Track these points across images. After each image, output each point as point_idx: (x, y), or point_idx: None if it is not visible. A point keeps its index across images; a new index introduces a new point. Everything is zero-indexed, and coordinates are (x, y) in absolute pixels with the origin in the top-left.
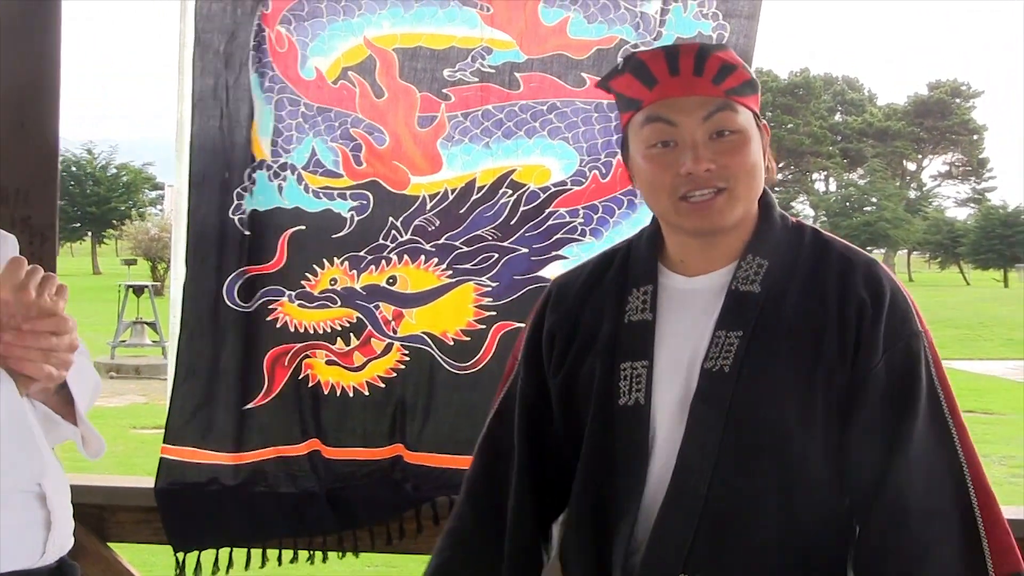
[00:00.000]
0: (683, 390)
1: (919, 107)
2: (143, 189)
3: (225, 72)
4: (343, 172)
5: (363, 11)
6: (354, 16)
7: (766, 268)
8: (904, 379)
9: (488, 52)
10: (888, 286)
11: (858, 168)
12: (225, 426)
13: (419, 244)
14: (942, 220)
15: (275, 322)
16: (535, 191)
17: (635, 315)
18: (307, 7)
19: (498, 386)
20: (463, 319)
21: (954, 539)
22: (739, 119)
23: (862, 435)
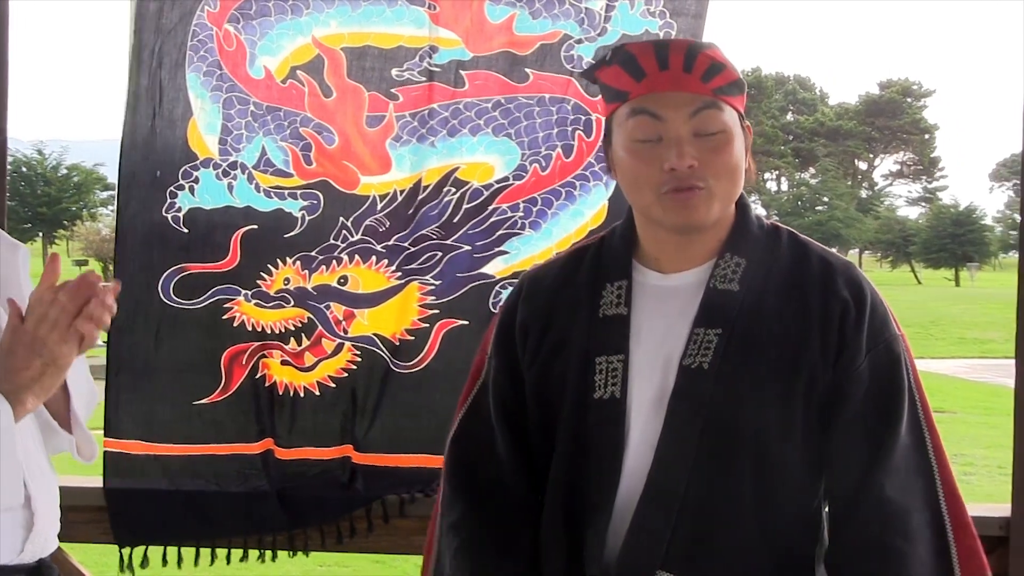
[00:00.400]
0: (659, 386)
1: (870, 106)
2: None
3: (160, 71)
4: (293, 172)
5: (311, 10)
6: (302, 15)
7: (744, 267)
8: (887, 381)
9: (434, 51)
10: (868, 289)
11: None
12: (170, 420)
13: (370, 244)
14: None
15: (232, 321)
16: (478, 188)
17: (610, 309)
18: (255, 6)
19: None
20: (408, 319)
21: (927, 539)
22: (724, 118)
23: (845, 435)
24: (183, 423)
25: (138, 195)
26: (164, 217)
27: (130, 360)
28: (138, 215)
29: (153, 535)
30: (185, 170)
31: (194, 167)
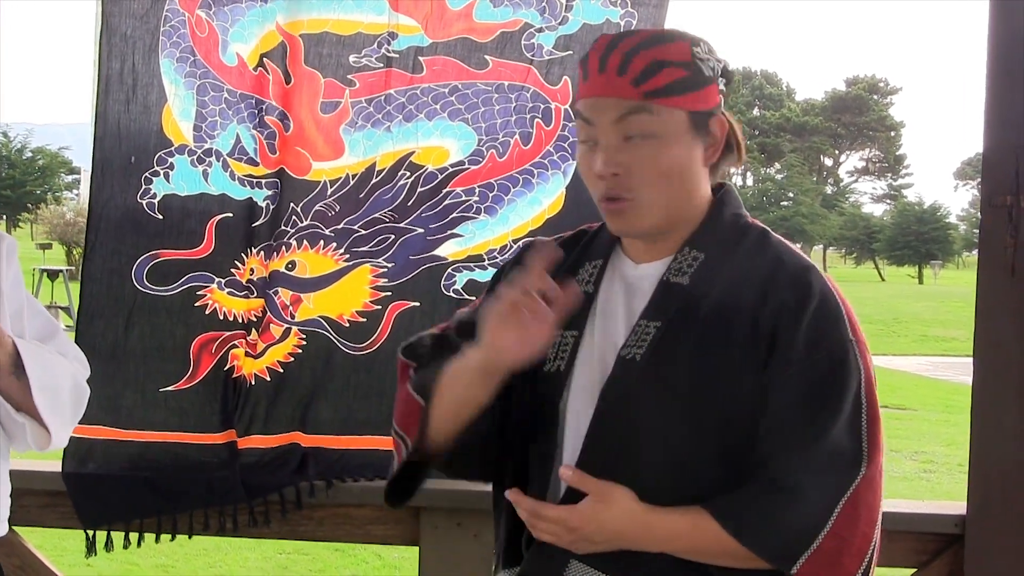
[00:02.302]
0: (601, 372)
1: (837, 103)
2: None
3: (133, 56)
4: (260, 161)
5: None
6: (268, 1)
7: (700, 261)
8: (823, 385)
9: (393, 37)
10: (817, 291)
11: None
12: (137, 406)
13: (318, 229)
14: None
15: (204, 308)
16: (432, 172)
17: (580, 286)
18: None
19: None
20: (359, 301)
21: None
22: (654, 122)
23: (769, 435)
24: (148, 410)
25: (111, 180)
26: (139, 203)
27: (99, 345)
28: (111, 200)
29: (115, 514)
30: (160, 156)
31: (169, 153)
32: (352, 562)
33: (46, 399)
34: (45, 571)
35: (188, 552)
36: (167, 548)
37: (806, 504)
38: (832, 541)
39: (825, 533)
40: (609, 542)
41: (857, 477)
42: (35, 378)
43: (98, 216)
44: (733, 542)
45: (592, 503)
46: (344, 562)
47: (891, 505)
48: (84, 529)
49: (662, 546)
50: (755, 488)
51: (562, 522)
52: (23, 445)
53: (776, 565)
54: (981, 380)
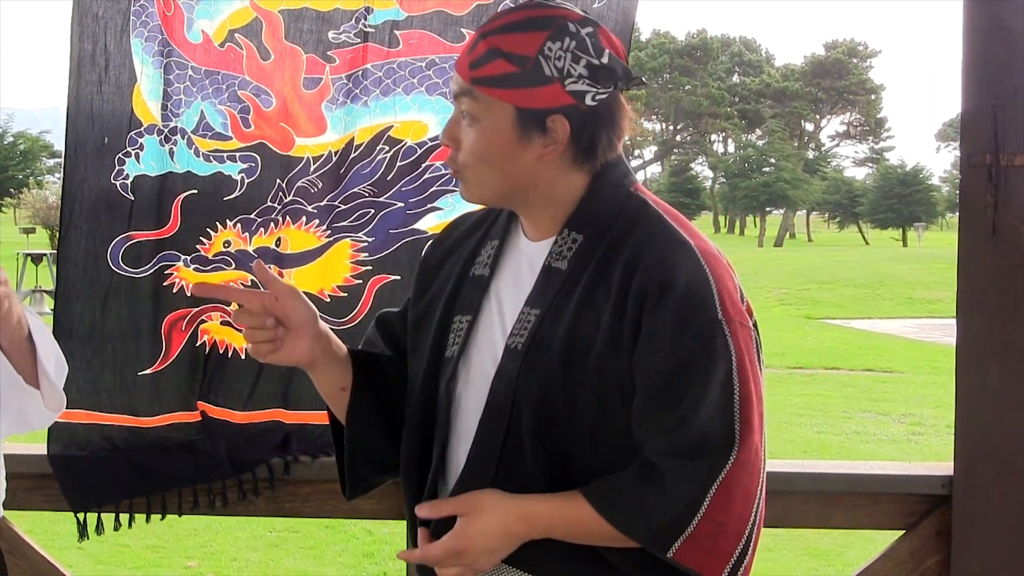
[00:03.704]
0: (492, 359)
1: (816, 67)
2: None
3: (104, 37)
4: (232, 135)
5: None
6: None
7: (579, 243)
8: (687, 370)
9: (369, 12)
10: (684, 272)
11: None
12: (117, 390)
13: (301, 205)
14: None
15: (172, 287)
16: (412, 146)
17: (478, 269)
18: None
19: None
20: (340, 275)
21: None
22: (477, 107)
23: (638, 421)
24: (127, 393)
25: (84, 162)
26: (112, 184)
27: (77, 329)
28: (85, 182)
29: (104, 496)
30: (131, 137)
31: (139, 134)
32: (342, 538)
33: (51, 366)
34: (34, 555)
35: (179, 532)
36: (158, 529)
37: (677, 489)
38: (707, 525)
39: (699, 518)
40: (504, 544)
41: (728, 461)
42: (41, 344)
43: (72, 198)
44: (609, 526)
45: (464, 521)
46: (335, 538)
47: (879, 467)
48: (74, 512)
49: (547, 532)
50: (628, 473)
51: (450, 552)
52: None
53: (651, 549)
54: (964, 340)
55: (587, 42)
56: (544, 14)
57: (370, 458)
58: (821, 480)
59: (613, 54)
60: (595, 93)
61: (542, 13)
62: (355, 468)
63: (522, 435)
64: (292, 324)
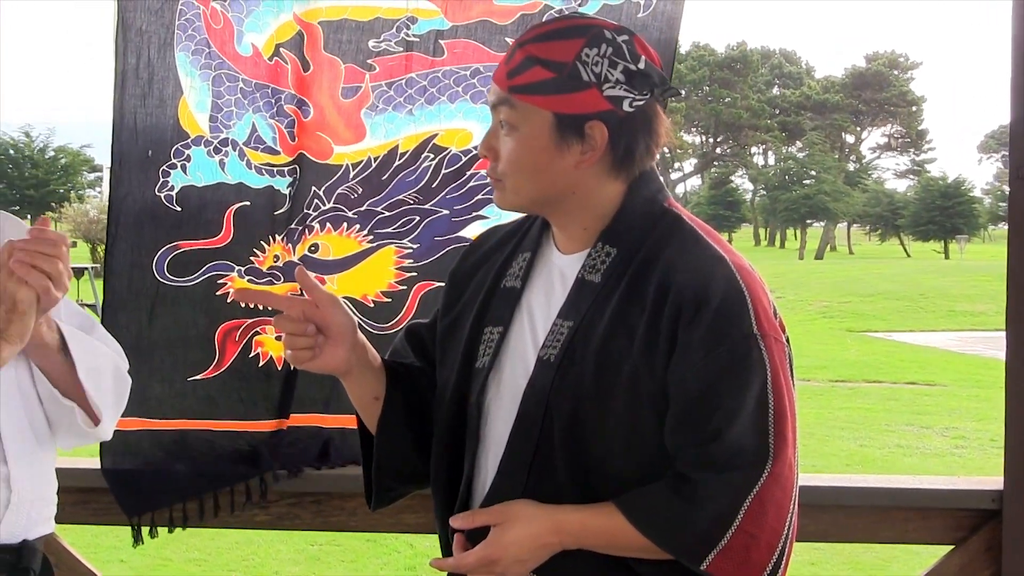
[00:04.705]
0: (524, 371)
1: (857, 79)
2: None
3: (148, 50)
4: (280, 149)
5: None
6: None
7: (613, 257)
8: (722, 384)
9: (413, 21)
10: (721, 287)
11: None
12: (166, 397)
13: (341, 212)
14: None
15: (225, 297)
16: (456, 154)
17: (509, 281)
18: None
19: None
20: (384, 281)
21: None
22: (515, 114)
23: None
24: (177, 399)
25: (129, 175)
26: (157, 196)
27: (124, 338)
28: (130, 194)
29: (155, 500)
30: (177, 148)
31: (185, 145)
32: (384, 551)
33: (91, 380)
34: (82, 568)
35: (220, 546)
36: (200, 542)
37: (711, 502)
38: (741, 537)
39: (733, 531)
40: (537, 554)
41: (762, 475)
42: (80, 359)
43: (118, 211)
44: (642, 537)
45: (498, 530)
46: (376, 551)
47: (927, 482)
48: (128, 517)
49: (579, 543)
50: (662, 485)
51: (483, 561)
52: (71, 435)
53: (684, 561)
54: (1013, 353)
55: (623, 48)
56: (580, 23)
57: (398, 468)
58: (869, 494)
59: (649, 61)
60: (632, 99)
61: (578, 22)
62: (382, 478)
63: (553, 446)
64: (331, 332)
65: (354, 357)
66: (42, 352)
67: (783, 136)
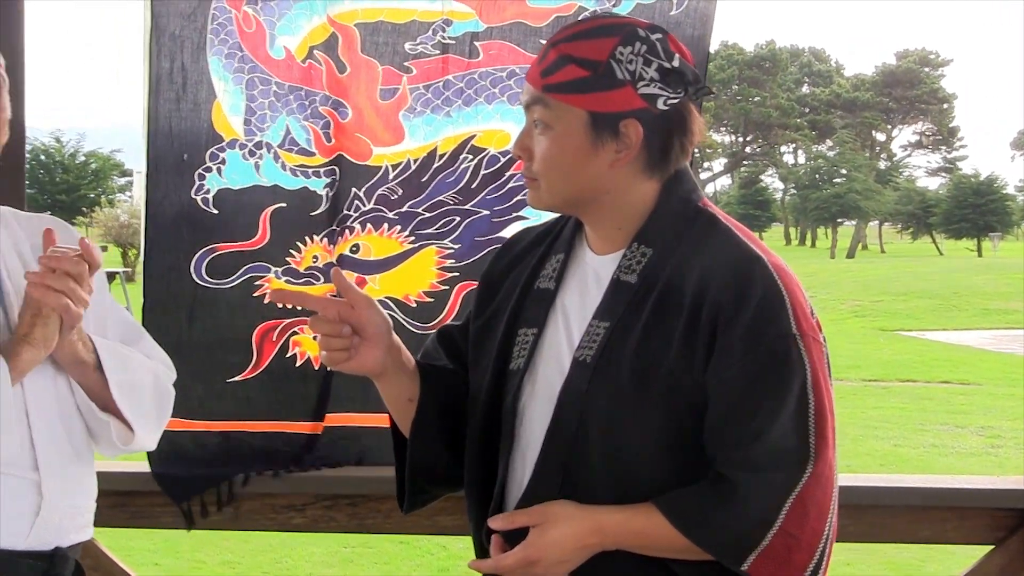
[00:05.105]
0: (559, 372)
1: (887, 77)
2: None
3: (182, 55)
4: (315, 150)
5: None
6: None
7: (649, 257)
8: (762, 384)
9: (448, 24)
10: (759, 287)
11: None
12: (206, 398)
13: (382, 212)
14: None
15: (263, 298)
16: (495, 155)
17: (543, 283)
18: None
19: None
20: (426, 281)
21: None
22: (549, 115)
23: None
24: (217, 401)
25: (165, 179)
26: (193, 199)
27: (164, 341)
28: (167, 198)
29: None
30: (212, 152)
31: (220, 148)
32: (417, 553)
33: (125, 396)
34: (119, 572)
35: (253, 548)
36: (233, 545)
37: (752, 503)
38: (782, 538)
39: (774, 531)
40: (576, 555)
41: (804, 475)
42: (113, 375)
43: (154, 214)
44: (683, 538)
45: (537, 531)
46: (409, 554)
47: (965, 481)
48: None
49: (619, 543)
50: (702, 486)
51: (523, 562)
52: (109, 446)
53: (725, 562)
54: None
55: (657, 46)
56: (614, 22)
57: (431, 470)
58: (906, 494)
59: (683, 59)
60: (667, 97)
61: (612, 21)
62: (416, 481)
63: (589, 447)
64: (367, 334)
65: (389, 359)
66: (79, 369)
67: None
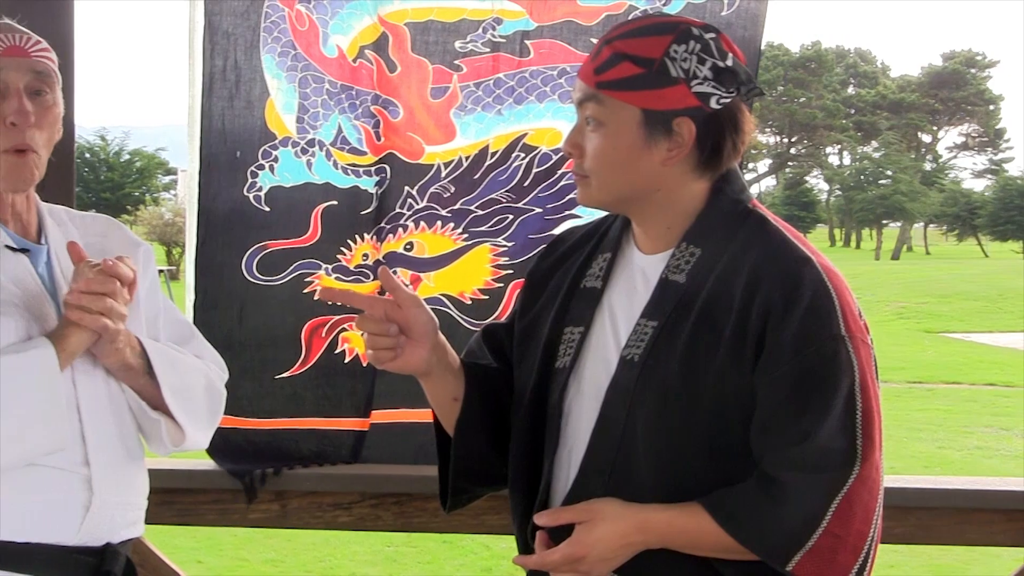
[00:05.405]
0: (606, 371)
1: (933, 78)
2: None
3: (235, 53)
4: (367, 149)
5: None
6: None
7: (697, 257)
8: (811, 384)
9: (499, 23)
10: (809, 288)
11: (872, 141)
12: (254, 394)
13: (435, 210)
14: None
15: (313, 294)
16: (547, 153)
17: (589, 282)
18: None
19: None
20: (480, 279)
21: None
22: (602, 110)
23: (760, 434)
24: (266, 398)
25: (217, 176)
26: (245, 196)
27: (215, 336)
28: (219, 195)
29: None
30: (264, 149)
31: (273, 146)
32: (460, 553)
33: (177, 399)
34: (166, 569)
35: (297, 547)
36: (276, 543)
37: (799, 503)
38: (827, 539)
39: (820, 532)
40: (621, 552)
41: (851, 476)
42: (164, 378)
43: (207, 211)
44: (728, 538)
45: (582, 528)
46: (452, 553)
47: (1012, 483)
48: (241, 477)
49: (664, 542)
50: (748, 486)
51: (568, 559)
52: (160, 445)
53: (771, 562)
54: None
55: (711, 45)
56: (668, 20)
57: (475, 470)
58: (953, 496)
59: (736, 59)
60: (720, 96)
61: (666, 20)
62: (459, 480)
63: (636, 445)
64: (413, 333)
65: (435, 358)
66: (128, 374)
67: (858, 136)
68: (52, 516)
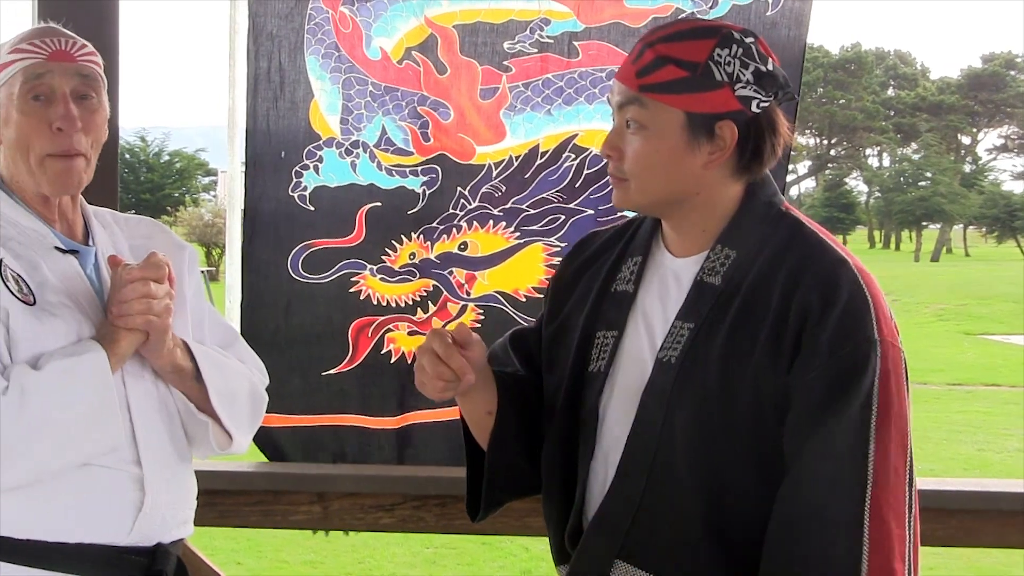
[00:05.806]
0: (640, 373)
1: (973, 80)
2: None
3: (279, 55)
4: (413, 150)
5: None
6: None
7: (732, 259)
8: (838, 385)
9: (546, 23)
10: (846, 290)
11: (912, 143)
12: (300, 391)
13: (487, 210)
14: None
15: (359, 294)
16: (598, 155)
17: (621, 285)
18: None
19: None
20: (535, 277)
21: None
22: (645, 113)
23: (790, 436)
24: (312, 394)
25: (263, 176)
26: (291, 196)
27: (262, 334)
28: (265, 194)
29: None
30: (309, 150)
31: (317, 147)
32: (500, 555)
33: (223, 403)
34: (207, 570)
35: (337, 549)
36: (316, 545)
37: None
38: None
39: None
40: None
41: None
42: (211, 382)
43: (254, 210)
44: None
45: None
46: (492, 555)
47: None
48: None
49: None
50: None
51: None
52: (205, 447)
53: None
54: None
55: (752, 49)
56: (709, 24)
57: (508, 480)
58: (996, 499)
59: (774, 63)
60: (760, 100)
61: (707, 24)
62: (493, 490)
63: (675, 447)
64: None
65: (477, 379)
66: (177, 377)
67: (898, 138)
68: (104, 516)
